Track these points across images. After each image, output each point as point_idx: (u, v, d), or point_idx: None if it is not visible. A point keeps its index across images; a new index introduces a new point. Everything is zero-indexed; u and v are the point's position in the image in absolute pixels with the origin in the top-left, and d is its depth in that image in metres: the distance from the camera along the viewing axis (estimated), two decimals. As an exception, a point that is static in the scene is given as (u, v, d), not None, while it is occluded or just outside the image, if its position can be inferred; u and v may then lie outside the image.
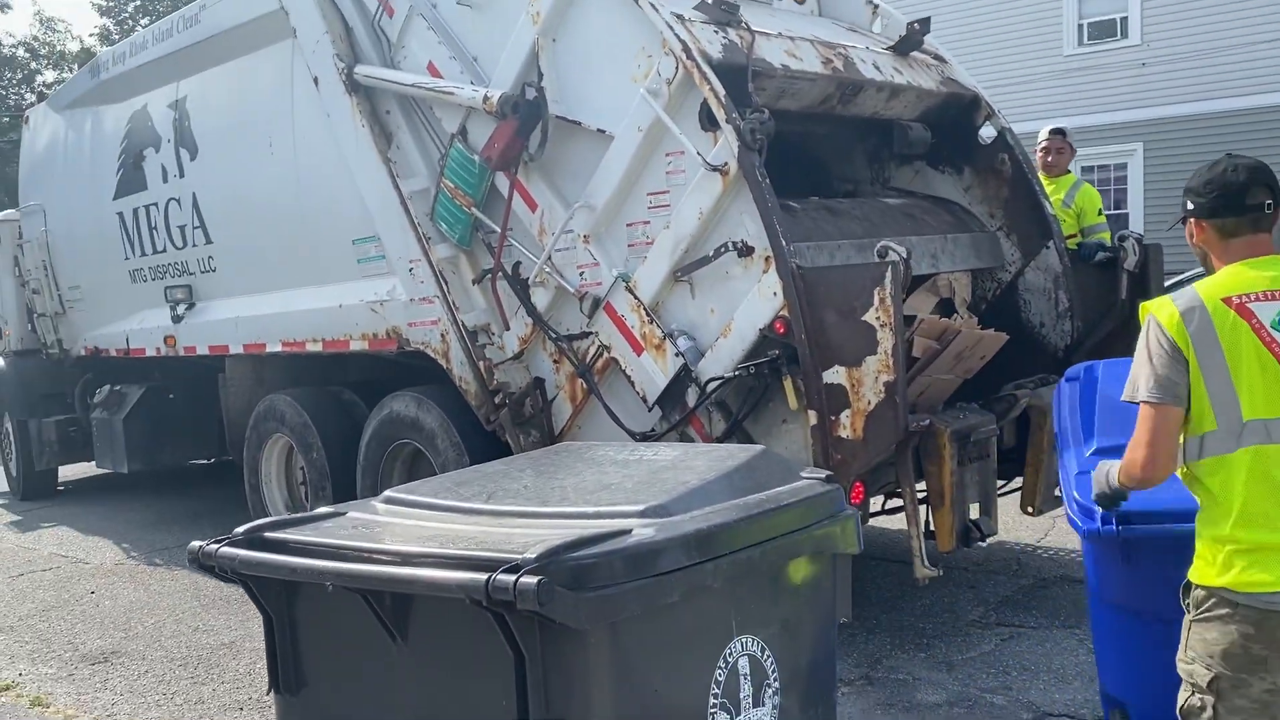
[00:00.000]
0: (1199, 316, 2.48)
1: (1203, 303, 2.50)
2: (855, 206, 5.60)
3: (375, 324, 6.20)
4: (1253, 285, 2.50)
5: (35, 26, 41.84)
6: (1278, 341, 2.44)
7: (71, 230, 9.34)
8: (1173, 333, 2.50)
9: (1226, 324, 2.47)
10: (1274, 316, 2.45)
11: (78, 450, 10.18)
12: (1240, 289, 2.50)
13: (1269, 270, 2.52)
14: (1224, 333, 2.47)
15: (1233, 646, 2.43)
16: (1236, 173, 2.59)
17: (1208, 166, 2.68)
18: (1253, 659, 2.42)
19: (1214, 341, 2.46)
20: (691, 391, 4.81)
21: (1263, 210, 2.57)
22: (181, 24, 7.51)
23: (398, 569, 2.33)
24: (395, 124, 5.89)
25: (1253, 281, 2.50)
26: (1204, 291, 2.53)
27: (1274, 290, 2.47)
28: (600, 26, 5.02)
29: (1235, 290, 2.50)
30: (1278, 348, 2.44)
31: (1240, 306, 2.47)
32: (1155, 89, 15.47)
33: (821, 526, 2.74)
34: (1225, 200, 2.59)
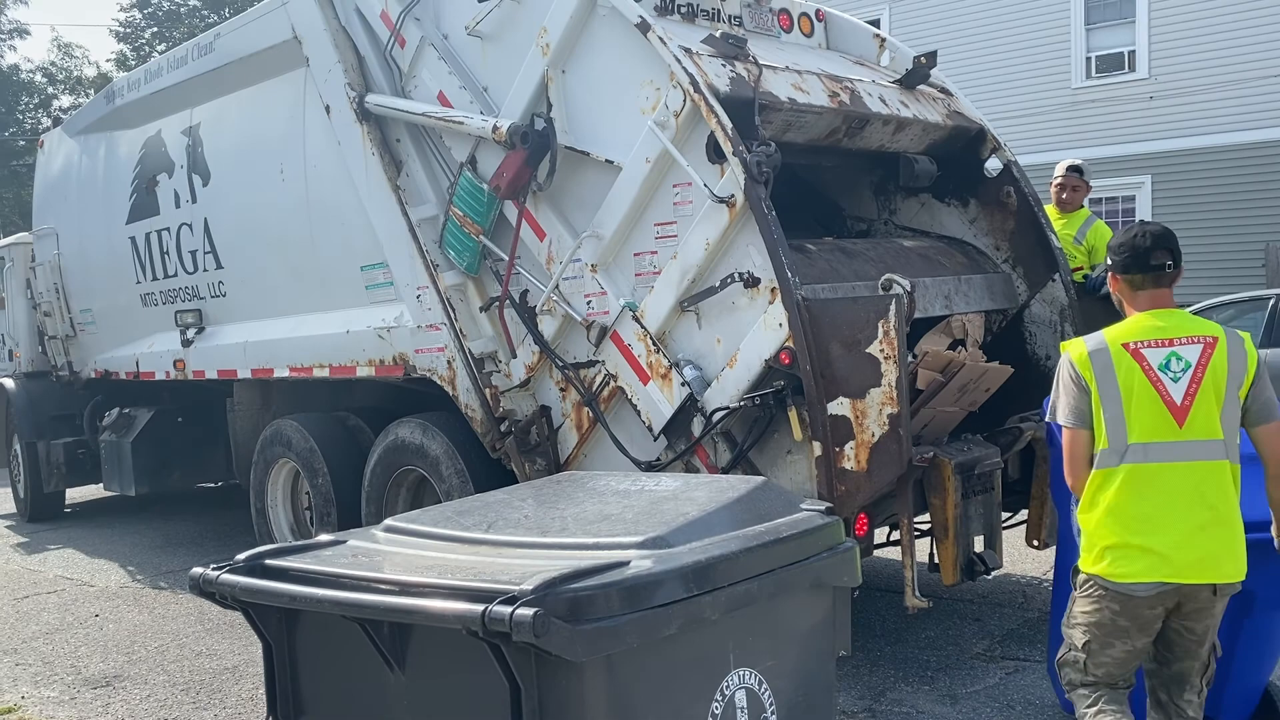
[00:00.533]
0: (1101, 357, 3.12)
1: (1107, 346, 3.13)
2: (870, 248, 5.61)
3: (382, 350, 6.23)
4: (1148, 334, 3.11)
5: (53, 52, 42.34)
6: (1162, 381, 3.05)
7: (84, 254, 9.42)
8: (1081, 369, 3.15)
9: (1124, 365, 3.08)
10: (1161, 360, 3.07)
11: (86, 473, 10.22)
12: (1137, 336, 3.12)
13: (1163, 321, 3.13)
14: (1121, 372, 3.08)
15: (1103, 619, 3.14)
16: (1145, 238, 3.21)
17: (1125, 231, 3.30)
18: (1118, 629, 3.13)
19: (1112, 378, 3.08)
20: (697, 421, 4.82)
21: (1164, 269, 3.19)
22: (196, 52, 7.60)
23: (396, 598, 2.33)
24: (405, 152, 5.95)
25: (1148, 330, 3.12)
26: (1109, 336, 3.16)
27: (1163, 339, 3.09)
28: (609, 59, 5.06)
29: (1133, 337, 3.12)
30: (1161, 386, 3.04)
31: (1135, 351, 3.09)
32: (1163, 122, 15.50)
33: (821, 559, 2.74)
34: (1134, 260, 3.20)
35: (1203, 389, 3.03)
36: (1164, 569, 3.02)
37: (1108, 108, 15.92)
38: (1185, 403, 3.03)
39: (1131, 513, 3.05)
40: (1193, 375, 3.03)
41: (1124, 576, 3.06)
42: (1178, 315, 3.18)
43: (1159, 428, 3.04)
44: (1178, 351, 3.06)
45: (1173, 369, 3.05)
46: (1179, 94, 15.37)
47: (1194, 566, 3.02)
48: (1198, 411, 3.02)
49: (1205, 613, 3.10)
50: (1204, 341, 3.07)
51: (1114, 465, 3.07)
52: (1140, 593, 3.05)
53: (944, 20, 16.81)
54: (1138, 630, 3.12)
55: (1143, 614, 3.09)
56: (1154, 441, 3.04)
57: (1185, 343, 3.08)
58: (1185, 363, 3.05)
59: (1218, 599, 3.09)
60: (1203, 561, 3.03)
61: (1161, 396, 3.04)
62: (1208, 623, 3.12)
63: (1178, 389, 3.03)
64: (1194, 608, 3.09)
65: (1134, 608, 3.08)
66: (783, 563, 2.63)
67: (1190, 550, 3.01)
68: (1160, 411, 3.04)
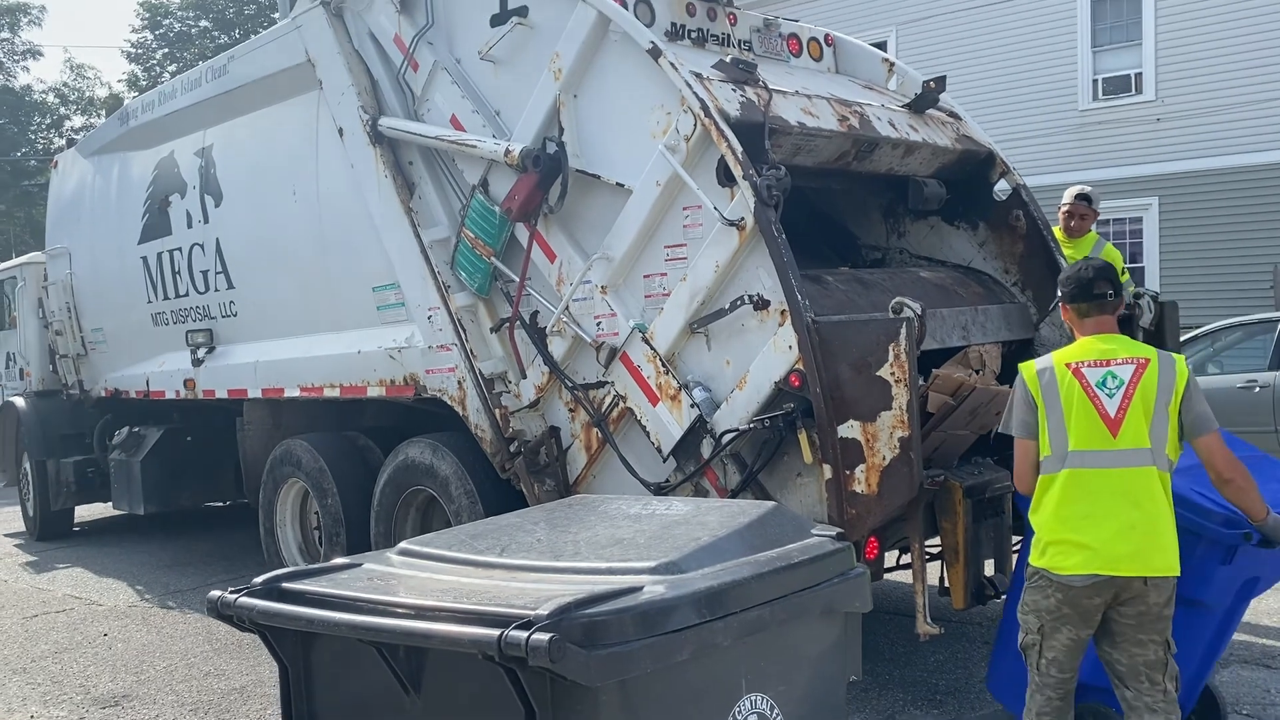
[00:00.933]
0: (1048, 375, 3.55)
1: (1053, 366, 3.56)
2: (887, 278, 5.61)
3: (393, 370, 6.26)
4: (1089, 355, 3.53)
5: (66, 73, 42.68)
6: (1099, 397, 3.45)
7: (96, 273, 9.49)
8: (1030, 386, 3.59)
9: (1065, 381, 3.50)
10: (1098, 378, 3.47)
11: (95, 491, 10.26)
12: (1080, 357, 3.54)
13: (1104, 344, 3.55)
14: (1063, 388, 3.50)
15: (1049, 607, 3.51)
16: (1089, 272, 3.65)
17: (1071, 267, 3.78)
18: (1062, 616, 3.49)
19: (1056, 394, 3.51)
20: (706, 443, 4.83)
21: (1105, 298, 3.61)
22: (210, 74, 7.67)
23: (412, 622, 2.35)
24: (418, 175, 5.99)
25: (1090, 352, 3.53)
26: (1055, 357, 3.60)
27: (1102, 360, 3.49)
28: (621, 84, 5.11)
29: (1076, 358, 3.54)
30: (1098, 401, 3.44)
31: (1076, 370, 3.51)
32: (1170, 144, 15.53)
33: (832, 585, 2.75)
34: (1080, 291, 3.64)
35: (1133, 404, 3.41)
36: (1097, 562, 3.38)
37: (1115, 130, 15.95)
38: (1118, 416, 3.42)
39: (1069, 512, 3.45)
40: (1125, 392, 3.43)
41: (1063, 569, 3.44)
42: (1118, 340, 3.59)
43: (1094, 437, 3.42)
44: (1114, 371, 3.46)
45: (1108, 386, 3.45)
46: (1186, 116, 15.40)
47: (1124, 560, 3.37)
48: (1129, 424, 3.41)
49: (1140, 600, 3.41)
50: (1136, 362, 3.47)
51: (1055, 471, 3.49)
52: (1078, 583, 3.41)
53: (950, 43, 16.88)
54: (1080, 619, 3.47)
55: (1082, 604, 3.44)
56: (1090, 450, 3.43)
57: (1121, 363, 3.48)
58: (1119, 380, 3.44)
59: (1150, 589, 3.40)
60: (1132, 556, 3.37)
61: (1098, 410, 3.43)
62: (1142, 609, 3.42)
63: (1112, 403, 3.43)
64: (1129, 596, 3.42)
65: (1074, 597, 3.44)
66: (794, 588, 2.64)
67: (1120, 546, 3.37)
68: (1096, 423, 3.43)
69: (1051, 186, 14.90)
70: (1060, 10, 16.16)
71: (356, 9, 6.29)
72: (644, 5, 5.61)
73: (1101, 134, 16.07)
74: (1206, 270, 15.21)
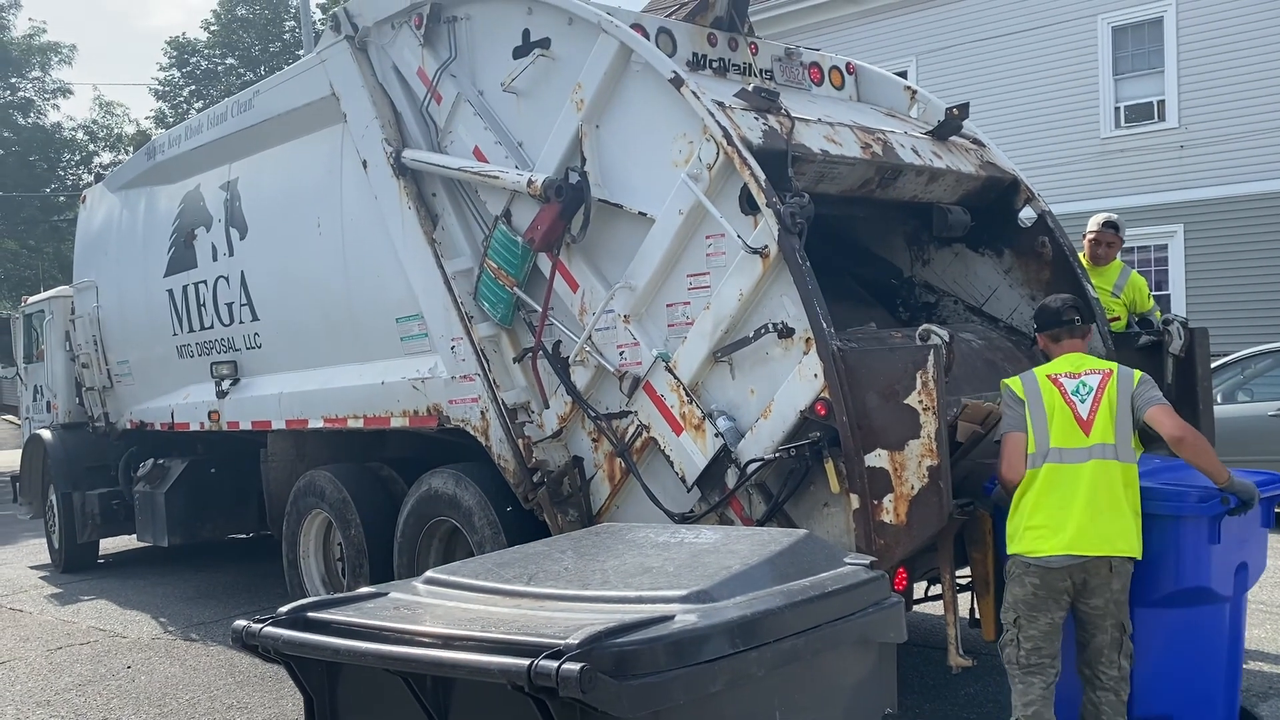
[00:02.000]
0: (1031, 382, 4.19)
1: (1035, 376, 4.22)
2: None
3: (416, 401, 6.25)
4: (1064, 369, 4.20)
5: (95, 110, 43.36)
6: (1074, 402, 4.08)
7: (122, 306, 9.56)
8: (1016, 390, 4.20)
9: (1047, 389, 4.13)
10: (1073, 387, 4.12)
11: (119, 523, 10.28)
12: (1058, 370, 4.21)
13: (1078, 362, 4.23)
14: (1045, 393, 4.13)
15: (1026, 594, 4.00)
16: (1058, 303, 4.42)
17: (1044, 301, 4.56)
18: (1038, 600, 3.98)
19: (1038, 398, 4.12)
20: (731, 473, 4.79)
21: (1074, 323, 4.33)
22: (235, 109, 7.76)
23: (440, 652, 2.32)
24: (441, 206, 6.02)
25: (1065, 367, 4.22)
26: (1038, 371, 4.26)
27: (1076, 372, 4.17)
28: (643, 113, 5.12)
29: (1055, 371, 4.21)
30: (1073, 405, 4.07)
31: (1055, 380, 4.16)
32: (1194, 171, 15.44)
33: (866, 615, 2.71)
34: (1052, 319, 4.37)
35: (1101, 406, 4.04)
36: (1070, 545, 3.90)
37: (1138, 157, 15.89)
38: (1090, 417, 4.03)
39: (1048, 501, 3.98)
40: (1094, 397, 4.06)
41: (1039, 551, 3.95)
42: (1087, 358, 4.27)
43: (1071, 435, 4.02)
44: (1085, 380, 4.12)
45: (1080, 393, 4.08)
46: (1210, 143, 15.32)
47: (1093, 542, 3.90)
48: (1098, 423, 4.02)
49: (1104, 588, 3.93)
50: (1102, 373, 4.14)
51: (1039, 465, 4.04)
52: (1054, 564, 3.92)
53: (971, 72, 16.90)
54: (1053, 602, 3.97)
55: (1056, 585, 3.94)
56: (1068, 446, 4.01)
57: (1089, 374, 4.15)
58: (1089, 388, 4.09)
59: (1114, 576, 3.92)
60: (1100, 539, 3.90)
61: (1073, 412, 4.06)
62: (1105, 597, 3.93)
63: (1084, 407, 4.05)
64: (1095, 583, 3.93)
65: (1049, 579, 3.94)
66: (828, 618, 2.60)
67: (1090, 530, 3.90)
68: (1071, 423, 4.04)
69: (1074, 214, 14.80)
70: (1081, 38, 16.17)
71: (380, 43, 6.35)
72: (666, 36, 5.64)
73: (1124, 161, 16.01)
74: (1233, 297, 15.07)
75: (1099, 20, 16.03)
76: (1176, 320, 5.74)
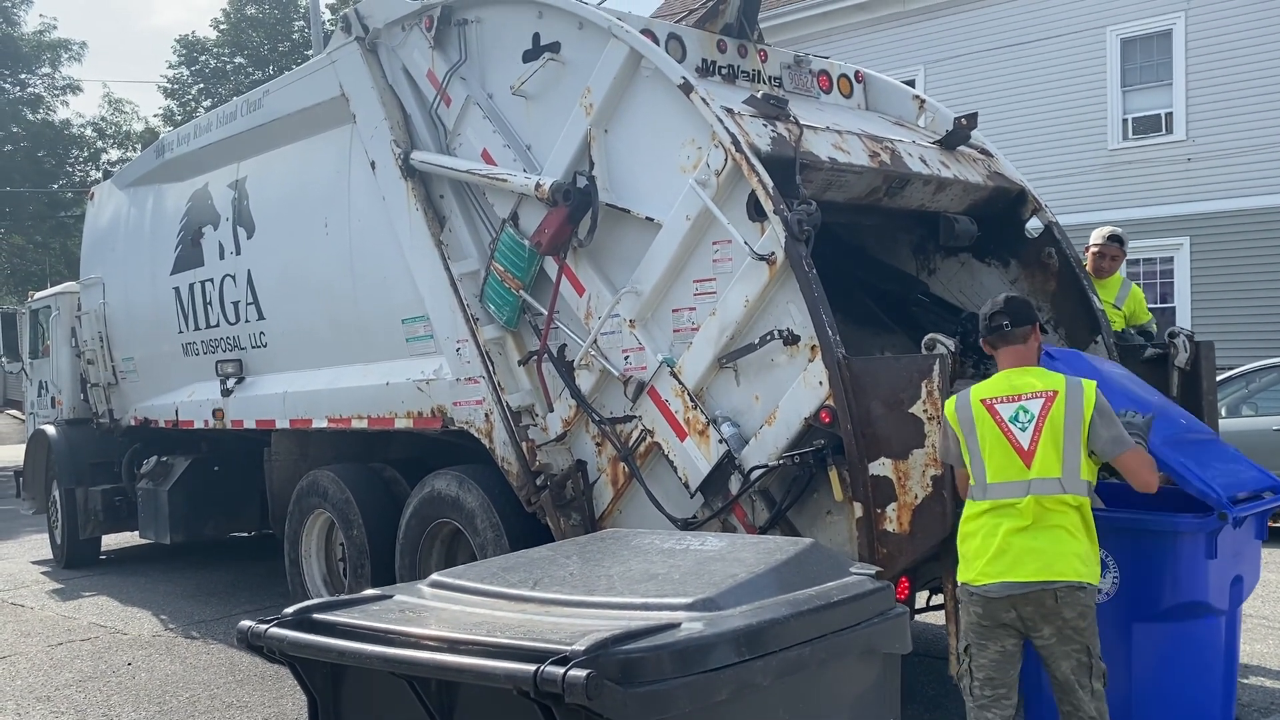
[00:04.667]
0: (965, 412, 3.87)
1: (969, 402, 3.87)
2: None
3: (421, 402, 6.26)
4: (1002, 390, 3.83)
5: (104, 107, 43.43)
6: (1012, 432, 3.75)
7: (128, 303, 9.58)
8: (950, 420, 3.93)
9: (981, 418, 3.82)
10: (1011, 414, 3.78)
11: (122, 520, 10.29)
12: (993, 393, 3.84)
13: (1018, 379, 3.84)
14: (979, 423, 3.82)
15: (973, 621, 3.81)
16: (990, 306, 3.99)
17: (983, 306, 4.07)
18: (984, 629, 3.78)
19: (973, 429, 3.83)
20: (735, 479, 4.79)
21: (1002, 329, 3.91)
22: (245, 108, 7.77)
23: (445, 656, 2.31)
24: (449, 208, 6.03)
25: (1002, 388, 3.84)
26: (973, 392, 3.88)
27: (1014, 395, 3.80)
28: (652, 119, 5.12)
29: (990, 394, 3.85)
30: (1012, 435, 3.75)
31: (990, 406, 3.82)
32: (1201, 184, 15.44)
33: (872, 625, 2.70)
34: (984, 325, 3.99)
35: (1043, 437, 3.72)
36: (1005, 572, 3.69)
37: (1145, 169, 15.88)
38: (1031, 447, 3.72)
39: (988, 532, 3.75)
40: (1035, 425, 3.73)
41: (979, 579, 3.75)
42: (1031, 372, 3.87)
43: (1010, 468, 3.74)
44: (1025, 405, 3.77)
45: (1020, 420, 3.76)
46: (1218, 156, 15.31)
47: (1030, 569, 3.66)
48: (1040, 455, 3.71)
49: (1053, 617, 3.67)
50: (1045, 396, 3.76)
51: (979, 498, 3.81)
52: (993, 594, 3.72)
53: (979, 82, 16.90)
54: (1000, 630, 3.76)
55: (998, 614, 3.74)
56: (1006, 481, 3.74)
57: (1030, 398, 3.77)
58: (1030, 415, 3.75)
59: (1061, 605, 3.65)
60: (1039, 565, 3.65)
61: (1011, 443, 3.75)
62: (1055, 626, 3.68)
63: (1025, 436, 3.73)
64: (1041, 613, 3.68)
65: (991, 609, 3.74)
66: (834, 628, 2.59)
67: (1028, 557, 3.67)
68: (1010, 455, 3.75)
69: (1080, 225, 14.78)
70: (1090, 49, 16.17)
71: (391, 45, 6.37)
72: (675, 42, 5.65)
73: (1131, 173, 16.00)
74: (1239, 310, 15.05)
75: (1108, 32, 16.03)
76: (1182, 333, 5.74)
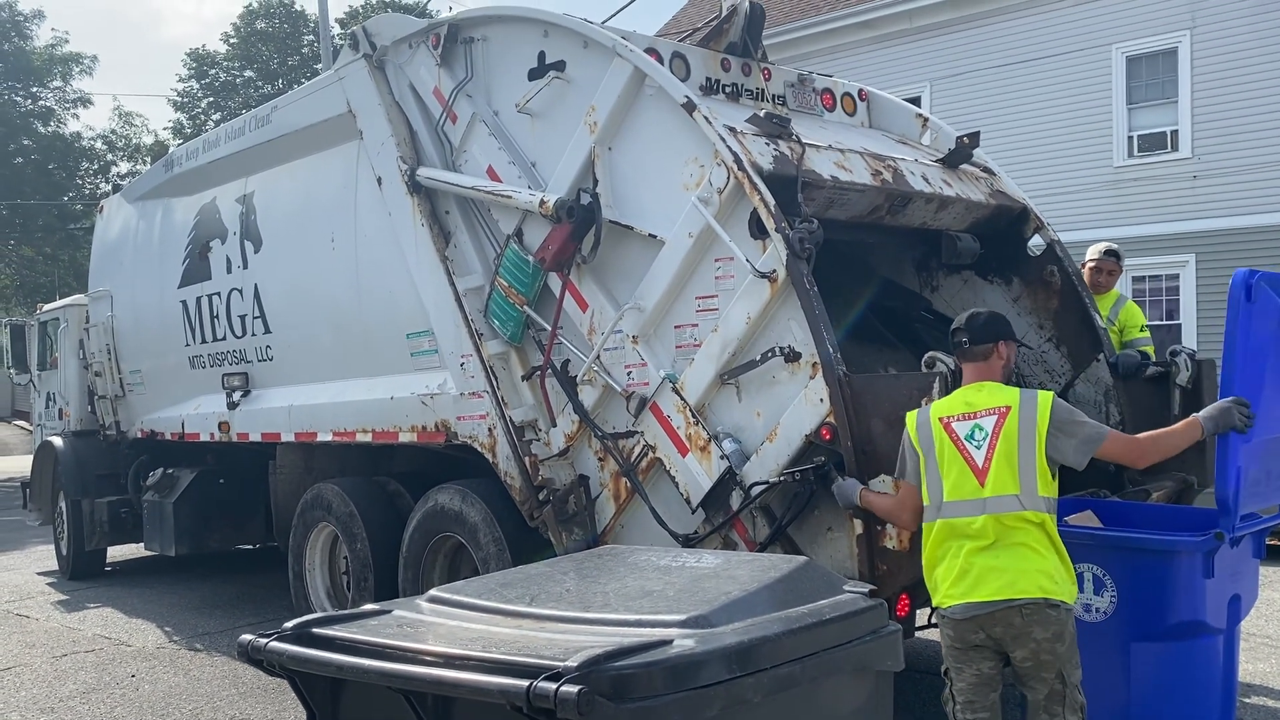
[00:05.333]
0: (925, 430, 3.84)
1: (929, 419, 3.85)
2: None
3: (425, 416, 6.29)
4: (959, 409, 3.81)
5: (114, 120, 43.65)
6: (968, 450, 3.72)
7: (136, 316, 9.64)
8: (911, 437, 3.90)
9: (939, 436, 3.80)
10: (966, 432, 3.74)
11: (128, 532, 10.32)
12: (950, 411, 3.82)
13: (973, 395, 3.82)
14: (937, 442, 3.79)
15: (949, 645, 3.74)
16: (956, 323, 3.98)
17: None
18: (957, 652, 3.71)
19: (931, 447, 3.81)
20: (736, 495, 4.81)
21: (962, 345, 3.93)
22: (253, 123, 7.84)
23: (440, 671, 2.34)
24: (454, 224, 6.07)
25: (958, 405, 3.82)
26: (932, 410, 3.88)
27: (969, 412, 3.77)
28: (655, 137, 5.17)
29: (947, 412, 3.83)
30: (967, 455, 3.71)
31: (947, 425, 3.79)
32: (1207, 201, 15.43)
33: (864, 642, 2.72)
34: (951, 341, 4.00)
35: (997, 454, 3.68)
36: (967, 593, 3.63)
37: (1150, 186, 15.88)
38: (985, 465, 3.68)
39: (953, 554, 3.69)
40: (989, 443, 3.70)
41: (945, 602, 3.70)
42: (986, 388, 3.84)
43: (966, 488, 3.70)
44: (979, 423, 3.74)
45: (975, 438, 3.73)
46: (1223, 174, 15.31)
47: (991, 587, 3.58)
48: (994, 473, 3.67)
49: (1024, 638, 3.57)
50: (998, 412, 3.74)
51: (933, 519, 3.78)
52: (958, 615, 3.66)
53: (985, 99, 16.93)
54: (973, 653, 3.69)
55: (967, 637, 3.67)
56: (962, 499, 3.69)
57: (984, 414, 3.75)
58: (985, 433, 3.72)
59: (1031, 623, 3.55)
60: (1001, 583, 3.57)
61: (967, 462, 3.72)
62: (1029, 648, 3.58)
63: (980, 454, 3.70)
64: (1013, 634, 3.59)
65: (960, 631, 3.68)
66: (826, 645, 2.61)
67: (990, 579, 3.59)
68: (966, 474, 3.71)
69: (1085, 242, 14.70)
70: (1095, 67, 16.19)
71: (398, 62, 6.43)
72: (679, 60, 5.70)
73: (1137, 190, 16.00)
74: (1244, 328, 14.99)
75: (1113, 50, 16.05)
76: (1184, 352, 5.75)
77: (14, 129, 30.42)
